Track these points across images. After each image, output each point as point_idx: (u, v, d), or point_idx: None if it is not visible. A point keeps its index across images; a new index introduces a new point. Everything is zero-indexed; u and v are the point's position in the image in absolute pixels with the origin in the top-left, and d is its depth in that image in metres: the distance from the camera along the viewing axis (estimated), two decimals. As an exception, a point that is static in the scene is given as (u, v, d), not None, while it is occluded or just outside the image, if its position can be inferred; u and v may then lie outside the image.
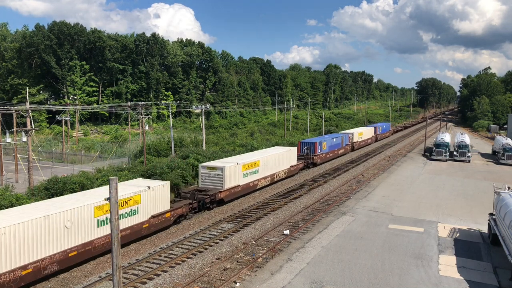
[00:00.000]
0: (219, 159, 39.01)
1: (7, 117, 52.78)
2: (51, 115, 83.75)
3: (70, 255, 20.38)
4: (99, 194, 23.07)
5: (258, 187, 38.63)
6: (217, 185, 33.57)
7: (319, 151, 52.57)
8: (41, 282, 20.01)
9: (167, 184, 27.22)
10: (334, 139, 58.42)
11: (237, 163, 35.11)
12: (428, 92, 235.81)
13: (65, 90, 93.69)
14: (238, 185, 35.13)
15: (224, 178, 33.22)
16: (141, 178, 30.29)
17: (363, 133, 74.35)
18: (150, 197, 25.31)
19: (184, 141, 60.28)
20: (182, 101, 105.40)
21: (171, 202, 28.18)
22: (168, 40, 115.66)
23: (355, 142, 68.92)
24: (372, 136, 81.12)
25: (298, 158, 49.01)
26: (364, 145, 74.85)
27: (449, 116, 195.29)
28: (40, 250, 18.98)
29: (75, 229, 20.55)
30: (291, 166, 44.97)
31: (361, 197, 37.05)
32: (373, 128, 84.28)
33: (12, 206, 25.46)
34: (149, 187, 25.19)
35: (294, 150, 45.89)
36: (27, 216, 18.87)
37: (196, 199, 31.27)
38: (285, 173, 43.31)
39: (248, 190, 37.03)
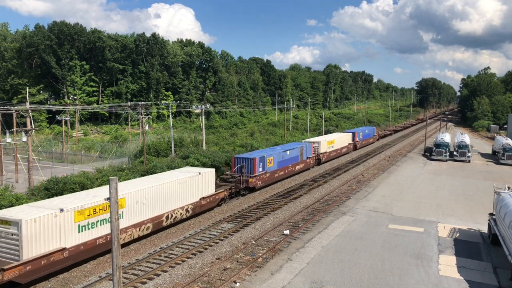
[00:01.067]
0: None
1: (7, 117, 52.80)
2: (51, 115, 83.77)
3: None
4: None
5: (121, 241, 23.35)
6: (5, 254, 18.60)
7: (260, 169, 38.69)
8: (41, 282, 20.02)
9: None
10: (288, 151, 44.56)
11: (64, 210, 20.03)
12: (428, 92, 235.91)
13: (65, 90, 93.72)
14: (64, 249, 19.95)
15: (21, 241, 18.26)
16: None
17: (334, 140, 59.59)
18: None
19: (184, 141, 60.29)
20: (182, 101, 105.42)
21: None
22: (168, 40, 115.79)
23: (322, 153, 54.49)
24: (349, 144, 66.68)
25: (227, 181, 37.48)
26: (335, 156, 60.54)
27: (449, 116, 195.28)
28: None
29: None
30: (203, 198, 30.30)
31: (361, 197, 37.04)
32: (350, 134, 69.08)
33: (11, 206, 25.49)
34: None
35: (209, 173, 31.68)
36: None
37: None
38: (188, 210, 29.03)
39: (93, 253, 21.90)
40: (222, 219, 30.21)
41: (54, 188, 29.08)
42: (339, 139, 62.36)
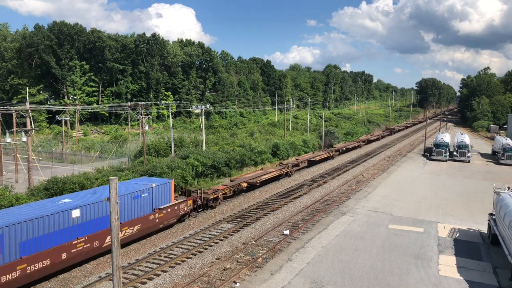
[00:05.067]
0: None
1: (7, 117, 52.77)
2: (51, 115, 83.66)
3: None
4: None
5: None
6: None
7: None
8: (41, 282, 20.01)
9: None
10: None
11: None
12: (428, 92, 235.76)
13: (65, 90, 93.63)
14: None
15: None
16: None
17: None
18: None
19: (184, 141, 60.24)
20: (182, 101, 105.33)
21: None
22: (168, 40, 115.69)
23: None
24: None
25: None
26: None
27: (449, 116, 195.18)
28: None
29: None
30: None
31: (361, 197, 37.03)
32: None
33: (12, 206, 25.49)
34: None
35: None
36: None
37: None
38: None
39: None
40: (222, 219, 30.21)
41: (53, 188, 29.07)
42: None
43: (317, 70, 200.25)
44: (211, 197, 32.20)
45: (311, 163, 54.59)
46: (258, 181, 38.89)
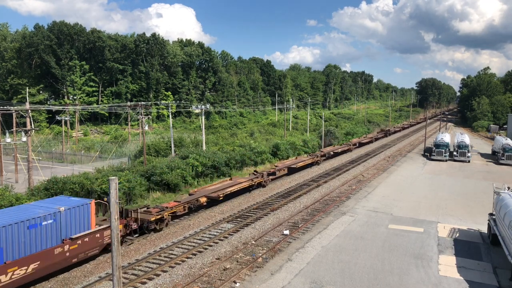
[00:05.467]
0: None
1: (7, 117, 52.75)
2: (51, 115, 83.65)
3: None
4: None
5: None
6: None
7: None
8: (41, 282, 20.02)
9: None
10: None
11: None
12: (428, 92, 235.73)
13: (65, 90, 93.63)
14: None
15: None
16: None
17: None
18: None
19: (184, 141, 60.25)
20: (182, 101, 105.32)
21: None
22: (168, 40, 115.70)
23: None
24: None
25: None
26: None
27: (449, 116, 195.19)
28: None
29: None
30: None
31: (361, 197, 37.04)
32: None
33: (11, 206, 25.48)
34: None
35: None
36: None
37: None
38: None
39: None
40: (222, 219, 30.21)
41: (53, 188, 29.08)
42: None
43: (317, 70, 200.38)
44: (153, 218, 26.43)
45: (291, 171, 47.09)
46: (221, 195, 32.95)
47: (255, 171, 43.65)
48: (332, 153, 59.52)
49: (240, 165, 47.92)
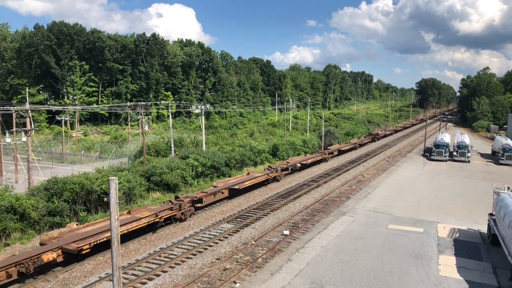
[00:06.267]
0: None
1: (7, 117, 52.73)
2: (50, 115, 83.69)
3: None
4: None
5: None
6: None
7: None
8: (41, 282, 20.01)
9: None
10: None
11: None
12: (428, 92, 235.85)
13: (64, 90, 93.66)
14: None
15: None
16: None
17: None
18: None
19: (183, 141, 60.29)
20: (182, 101, 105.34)
21: None
22: (168, 40, 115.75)
23: None
24: None
25: None
26: None
27: (449, 116, 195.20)
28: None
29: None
30: None
31: (361, 197, 37.04)
32: None
33: (11, 206, 25.49)
34: None
35: None
36: None
37: None
38: None
39: None
40: (222, 219, 30.21)
41: (53, 188, 29.07)
42: None
43: (317, 70, 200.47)
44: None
45: (234, 193, 35.94)
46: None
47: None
48: (299, 164, 49.52)
49: (240, 165, 47.94)
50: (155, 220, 26.93)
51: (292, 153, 58.98)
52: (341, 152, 66.28)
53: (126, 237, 25.06)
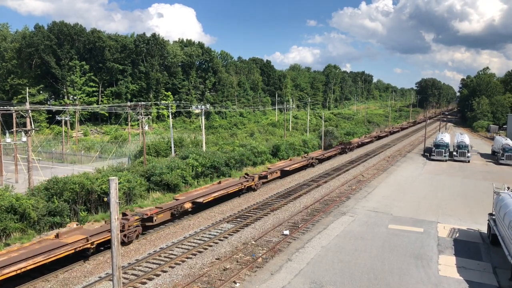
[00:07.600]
0: None
1: (7, 117, 52.72)
2: (51, 115, 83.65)
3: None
4: None
5: None
6: None
7: None
8: (41, 282, 20.02)
9: None
10: None
11: None
12: (427, 92, 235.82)
13: (65, 90, 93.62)
14: None
15: None
16: None
17: None
18: None
19: (184, 141, 60.26)
20: (182, 101, 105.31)
21: None
22: (168, 40, 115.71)
23: None
24: None
25: None
26: None
27: (449, 116, 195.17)
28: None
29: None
30: None
31: (361, 197, 37.05)
32: None
33: (12, 206, 25.50)
34: None
35: None
36: None
37: None
38: None
39: None
40: (222, 219, 30.23)
41: (54, 188, 29.08)
42: None
43: (317, 70, 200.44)
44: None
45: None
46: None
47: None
48: (268, 175, 42.87)
49: (239, 165, 47.95)
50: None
51: (292, 153, 58.96)
52: (322, 160, 57.77)
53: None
